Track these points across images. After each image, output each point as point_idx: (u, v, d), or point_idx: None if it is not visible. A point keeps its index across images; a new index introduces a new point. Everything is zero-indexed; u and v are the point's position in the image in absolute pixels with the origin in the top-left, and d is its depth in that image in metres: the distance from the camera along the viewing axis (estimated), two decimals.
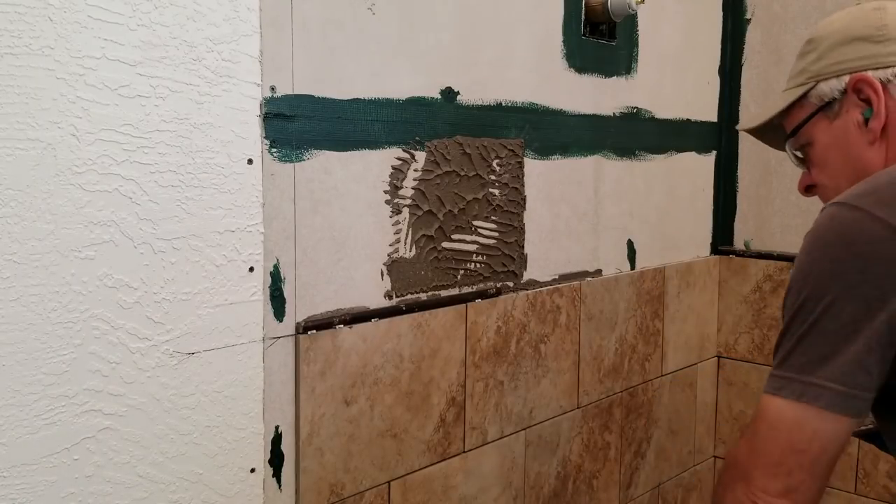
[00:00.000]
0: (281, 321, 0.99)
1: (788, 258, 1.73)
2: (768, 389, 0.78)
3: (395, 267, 1.12)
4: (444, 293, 1.19)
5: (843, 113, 0.87)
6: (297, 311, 1.01)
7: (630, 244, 1.58)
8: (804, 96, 0.89)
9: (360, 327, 1.08)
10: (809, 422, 0.76)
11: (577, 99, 1.41)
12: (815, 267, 0.75)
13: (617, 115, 1.51)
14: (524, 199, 1.31)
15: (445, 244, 1.18)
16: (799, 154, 0.94)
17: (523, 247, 1.32)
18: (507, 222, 1.28)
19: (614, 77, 1.49)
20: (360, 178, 1.07)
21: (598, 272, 1.50)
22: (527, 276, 1.34)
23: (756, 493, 0.78)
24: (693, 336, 1.79)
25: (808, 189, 0.96)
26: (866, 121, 0.85)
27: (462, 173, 1.20)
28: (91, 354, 0.82)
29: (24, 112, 0.75)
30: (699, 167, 1.75)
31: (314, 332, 1.02)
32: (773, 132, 0.97)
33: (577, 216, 1.43)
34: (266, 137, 0.95)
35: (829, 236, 0.75)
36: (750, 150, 1.78)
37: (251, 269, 0.95)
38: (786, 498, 0.78)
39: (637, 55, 1.53)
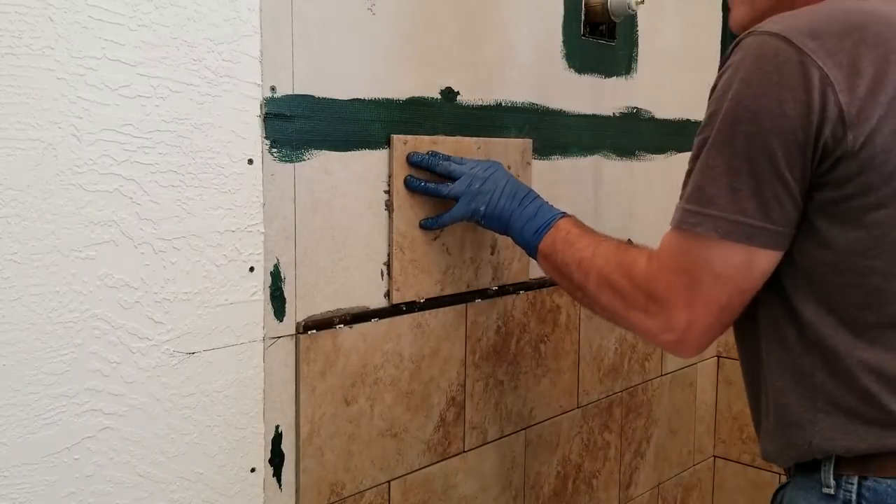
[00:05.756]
0: (281, 321, 1.00)
1: None
2: (688, 226, 0.81)
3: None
4: (443, 293, 1.19)
5: None
6: (298, 310, 1.01)
7: (630, 244, 1.57)
8: None
9: (360, 327, 1.08)
10: (757, 263, 0.80)
11: (576, 99, 1.41)
12: (755, 103, 0.77)
13: (617, 115, 1.51)
14: None
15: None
16: None
17: None
18: None
19: (614, 77, 1.49)
20: (361, 178, 1.07)
21: None
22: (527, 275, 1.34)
23: (695, 332, 0.84)
24: None
25: None
26: None
27: None
28: (91, 354, 0.82)
29: (24, 112, 0.75)
30: None
31: (314, 331, 1.02)
32: None
33: (576, 216, 1.43)
34: (266, 137, 0.95)
35: (774, 74, 0.76)
36: None
37: (251, 269, 0.95)
38: (723, 327, 0.85)
39: (637, 55, 1.54)
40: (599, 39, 1.44)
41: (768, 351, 0.86)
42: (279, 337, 1.00)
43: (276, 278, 0.98)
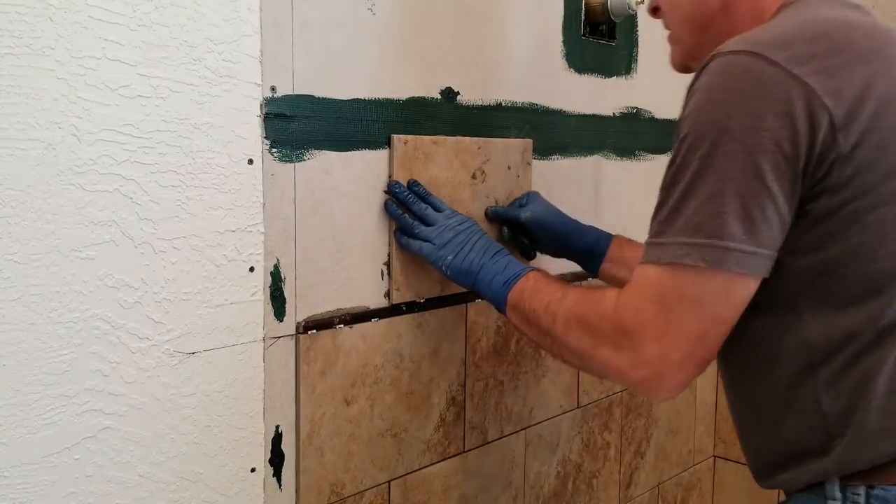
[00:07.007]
0: (281, 321, 1.00)
1: None
2: (675, 258, 0.75)
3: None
4: (444, 293, 1.19)
5: None
6: (298, 310, 1.01)
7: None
8: None
9: (360, 327, 1.08)
10: (737, 290, 0.75)
11: (576, 99, 1.41)
12: (732, 121, 0.73)
13: (617, 115, 1.51)
14: None
15: None
16: None
17: None
18: None
19: (614, 77, 1.49)
20: (361, 178, 1.07)
21: None
22: None
23: (668, 369, 0.77)
24: None
25: (654, 11, 1.02)
26: None
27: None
28: (91, 354, 0.82)
29: (24, 112, 0.75)
30: None
31: (314, 331, 1.02)
32: None
33: (577, 216, 1.43)
34: (266, 137, 0.95)
35: (747, 89, 0.73)
36: None
37: (251, 269, 0.95)
38: (699, 367, 0.78)
39: (637, 55, 1.54)
40: (599, 39, 1.44)
41: (765, 391, 0.83)
42: (279, 337, 1.00)
43: (276, 278, 0.98)
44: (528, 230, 1.22)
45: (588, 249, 1.21)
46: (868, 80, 0.74)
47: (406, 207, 1.08)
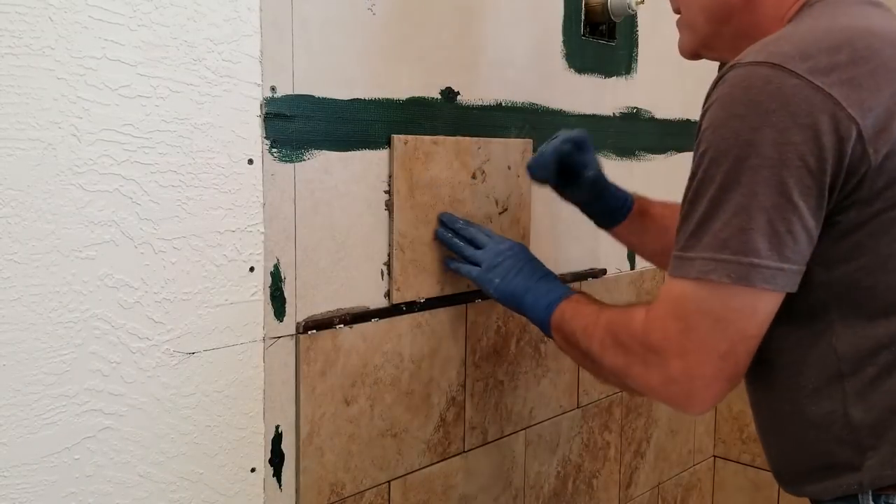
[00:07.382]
0: (281, 321, 1.00)
1: None
2: (701, 274, 0.75)
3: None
4: (444, 293, 1.19)
5: None
6: (298, 310, 1.01)
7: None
8: None
9: (360, 327, 1.08)
10: (762, 305, 0.75)
11: (576, 99, 1.41)
12: (755, 136, 0.72)
13: (617, 115, 1.51)
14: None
15: None
16: None
17: None
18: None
19: (614, 77, 1.49)
20: (361, 178, 1.07)
21: (603, 272, 1.50)
22: None
23: (696, 385, 0.78)
24: None
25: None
26: None
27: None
28: (91, 354, 0.82)
29: (24, 112, 0.75)
30: None
31: (314, 331, 1.02)
32: None
33: (577, 216, 1.43)
34: (266, 137, 0.95)
35: (769, 103, 0.72)
36: None
37: (251, 269, 0.95)
38: (729, 382, 0.79)
39: (637, 55, 1.54)
40: (599, 39, 1.44)
41: (789, 401, 0.82)
42: (279, 337, 1.00)
43: (276, 278, 0.98)
44: (580, 182, 1.19)
45: (617, 209, 1.22)
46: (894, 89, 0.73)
47: (455, 232, 1.13)
